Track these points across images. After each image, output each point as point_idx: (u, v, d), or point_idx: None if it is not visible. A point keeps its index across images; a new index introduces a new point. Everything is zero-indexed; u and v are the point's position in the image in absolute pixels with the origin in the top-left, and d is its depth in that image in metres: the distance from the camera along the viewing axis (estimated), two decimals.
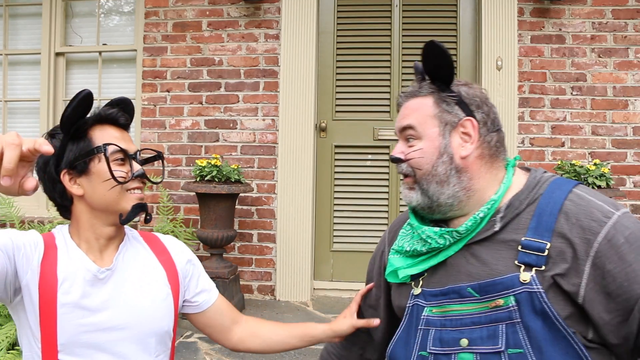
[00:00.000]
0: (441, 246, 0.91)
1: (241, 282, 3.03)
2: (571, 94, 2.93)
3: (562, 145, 2.94)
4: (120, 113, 0.98)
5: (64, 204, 0.98)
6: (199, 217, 2.88)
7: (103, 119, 0.96)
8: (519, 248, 0.85)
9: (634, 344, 0.80)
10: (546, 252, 0.83)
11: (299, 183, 3.02)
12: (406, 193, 0.96)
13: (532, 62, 2.95)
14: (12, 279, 0.87)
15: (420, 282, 0.95)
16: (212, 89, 3.12)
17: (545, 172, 0.95)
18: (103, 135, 0.95)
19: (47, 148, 0.64)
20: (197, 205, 2.93)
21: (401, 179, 0.98)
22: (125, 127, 1.00)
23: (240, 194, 3.01)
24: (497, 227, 0.89)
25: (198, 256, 3.45)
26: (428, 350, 0.89)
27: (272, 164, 3.07)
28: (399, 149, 0.95)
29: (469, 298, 0.88)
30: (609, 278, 0.79)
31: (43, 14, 3.36)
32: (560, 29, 2.94)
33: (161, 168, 1.03)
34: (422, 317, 0.92)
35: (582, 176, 2.59)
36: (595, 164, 2.63)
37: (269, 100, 3.07)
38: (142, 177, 0.96)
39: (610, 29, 2.92)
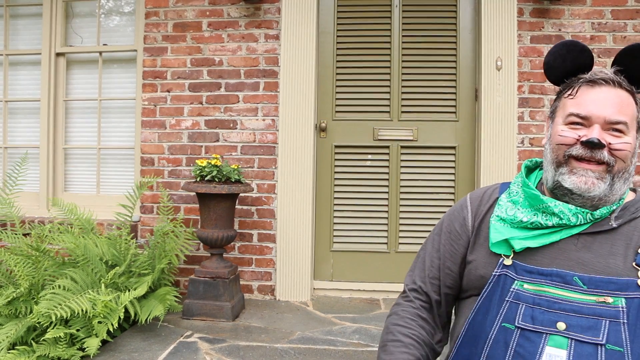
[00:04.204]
0: (571, 224, 0.94)
1: (241, 282, 3.03)
2: None
3: None
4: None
5: None
6: (199, 217, 2.89)
7: None
8: (639, 250, 0.89)
9: None
10: None
11: (299, 183, 3.03)
12: (592, 181, 0.93)
13: (532, 62, 2.95)
14: None
15: (512, 254, 0.97)
16: (212, 89, 3.12)
17: None
18: None
19: None
20: (197, 205, 2.94)
21: (583, 166, 0.94)
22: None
23: (240, 194, 3.02)
24: (614, 224, 0.93)
25: (198, 256, 3.46)
26: (516, 324, 0.90)
27: (272, 164, 3.07)
28: (599, 135, 0.92)
29: (573, 286, 0.89)
30: None
31: (43, 15, 3.37)
32: (559, 29, 2.94)
33: (161, 168, 0.96)
34: (511, 289, 0.93)
35: None
36: None
37: (269, 101, 3.08)
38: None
39: (609, 29, 2.92)
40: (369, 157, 3.14)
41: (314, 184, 3.10)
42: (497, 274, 0.97)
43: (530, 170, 1.13)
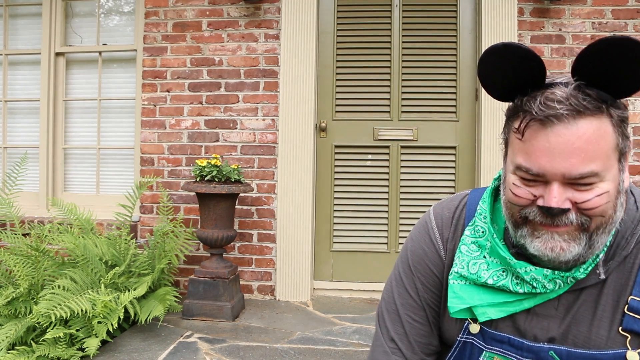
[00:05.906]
0: (547, 291, 0.74)
1: (241, 282, 3.03)
2: None
3: None
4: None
5: None
6: (199, 217, 2.88)
7: None
8: (625, 309, 0.70)
9: None
10: None
11: (299, 183, 3.02)
12: (560, 245, 0.69)
13: None
14: None
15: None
16: (212, 89, 3.12)
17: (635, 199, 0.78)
18: None
19: None
20: (197, 205, 2.93)
21: (546, 228, 0.71)
22: None
23: (240, 194, 3.02)
24: (602, 276, 0.73)
25: (198, 256, 3.46)
26: None
27: (272, 164, 3.07)
28: (561, 196, 0.68)
29: None
30: None
31: (43, 14, 3.37)
32: (560, 29, 2.94)
33: (161, 168, 0.91)
34: None
35: None
36: None
37: (269, 100, 3.07)
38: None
39: (610, 29, 2.92)
40: (369, 157, 3.13)
41: (314, 184, 3.09)
42: (463, 340, 0.81)
43: (498, 190, 0.86)
